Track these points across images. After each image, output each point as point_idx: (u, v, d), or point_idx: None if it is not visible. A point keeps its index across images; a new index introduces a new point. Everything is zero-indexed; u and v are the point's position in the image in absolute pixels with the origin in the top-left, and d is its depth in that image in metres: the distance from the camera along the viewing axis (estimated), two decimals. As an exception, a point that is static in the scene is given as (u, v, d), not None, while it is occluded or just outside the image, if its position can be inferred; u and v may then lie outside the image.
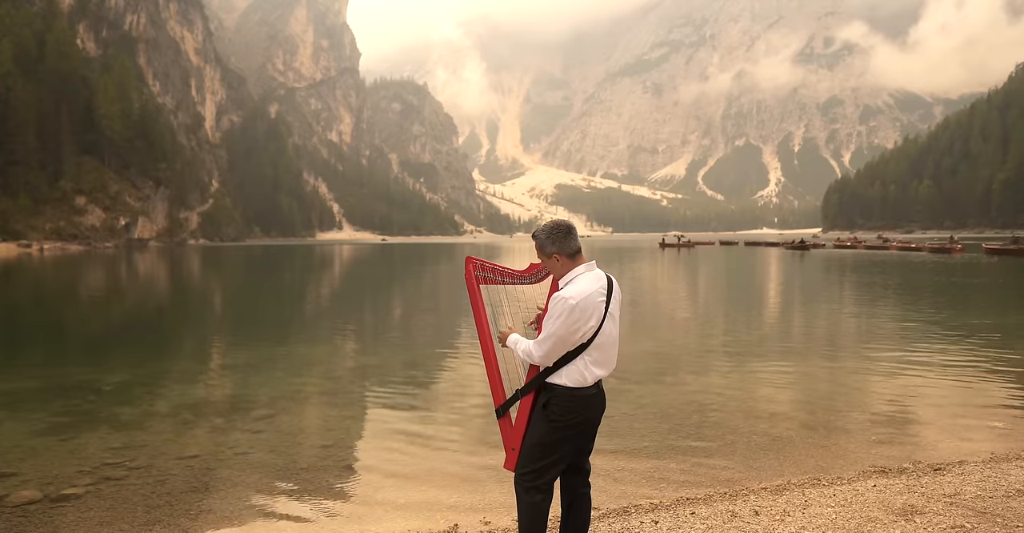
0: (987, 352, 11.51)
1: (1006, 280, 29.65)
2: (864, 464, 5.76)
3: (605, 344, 3.27)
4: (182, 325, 17.88)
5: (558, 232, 3.33)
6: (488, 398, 8.33)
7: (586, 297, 3.19)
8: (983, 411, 7.58)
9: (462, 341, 14.05)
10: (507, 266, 3.71)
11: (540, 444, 3.29)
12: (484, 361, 3.58)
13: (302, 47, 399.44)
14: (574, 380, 3.25)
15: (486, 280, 3.73)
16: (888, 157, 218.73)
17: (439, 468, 5.95)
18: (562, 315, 3.16)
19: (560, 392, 3.26)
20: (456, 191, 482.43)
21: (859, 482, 5.14)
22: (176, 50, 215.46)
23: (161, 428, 7.29)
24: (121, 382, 9.94)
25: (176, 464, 6.08)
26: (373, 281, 35.61)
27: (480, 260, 3.71)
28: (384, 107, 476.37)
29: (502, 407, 3.50)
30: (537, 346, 3.27)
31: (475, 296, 3.66)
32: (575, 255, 3.33)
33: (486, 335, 3.58)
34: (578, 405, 3.26)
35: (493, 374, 3.55)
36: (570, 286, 3.25)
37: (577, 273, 3.31)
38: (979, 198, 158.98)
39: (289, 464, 6.10)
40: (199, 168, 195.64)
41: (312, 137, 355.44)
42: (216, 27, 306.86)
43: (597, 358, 3.27)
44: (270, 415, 7.79)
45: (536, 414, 3.35)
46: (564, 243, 3.31)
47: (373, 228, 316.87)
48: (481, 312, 3.63)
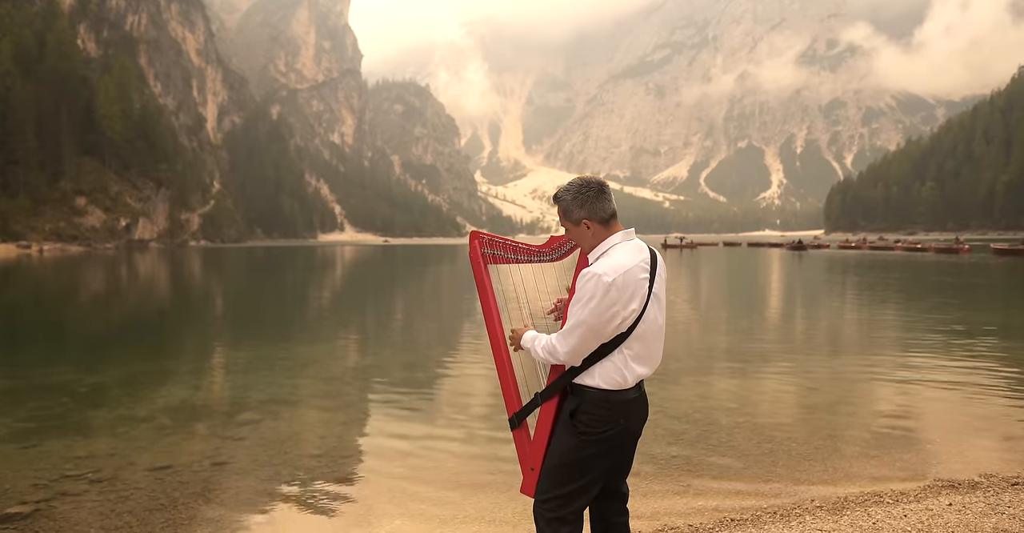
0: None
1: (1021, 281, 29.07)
2: (926, 476, 5.05)
3: (648, 334, 2.60)
4: (178, 326, 17.22)
5: (587, 191, 2.64)
6: (499, 402, 7.69)
7: (625, 273, 2.51)
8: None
9: (465, 340, 13.40)
10: (521, 241, 3.06)
11: (567, 463, 2.60)
12: (494, 358, 2.89)
13: (304, 48, 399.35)
14: (610, 381, 2.56)
15: (496, 258, 3.05)
16: (891, 159, 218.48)
17: (443, 480, 5.26)
18: (595, 297, 2.47)
19: (592, 396, 2.58)
20: (458, 193, 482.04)
21: (930, 500, 4.44)
22: (177, 51, 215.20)
23: (134, 435, 6.59)
24: (100, 383, 9.25)
25: (145, 477, 5.37)
26: (375, 282, 34.99)
27: (487, 234, 3.04)
28: (386, 108, 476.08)
29: (517, 416, 2.79)
30: (562, 339, 2.58)
31: (482, 279, 2.97)
32: (610, 221, 2.66)
33: (496, 327, 2.89)
34: (615, 413, 2.58)
35: (505, 374, 2.86)
36: (603, 260, 2.58)
37: (612, 243, 2.64)
38: (982, 200, 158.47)
39: (271, 477, 5.39)
40: (200, 169, 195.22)
41: (314, 138, 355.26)
42: (218, 28, 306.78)
43: (639, 352, 2.60)
44: (255, 420, 7.09)
45: (561, 425, 2.65)
46: (596, 205, 2.64)
47: (375, 229, 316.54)
48: (490, 298, 2.94)
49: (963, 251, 57.76)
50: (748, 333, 13.61)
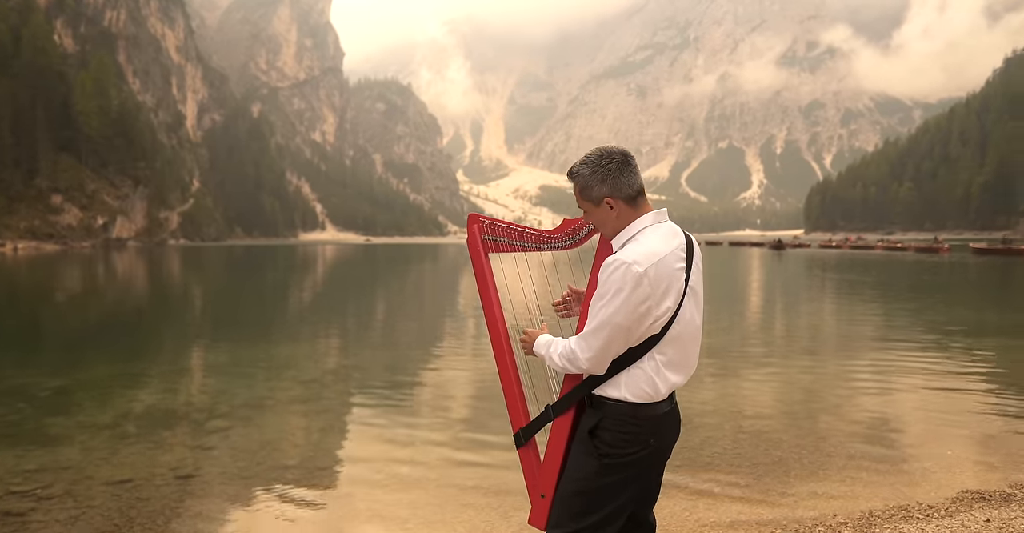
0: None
1: (1004, 279, 29.12)
2: (950, 487, 4.69)
3: (684, 336, 2.17)
4: (153, 326, 16.63)
5: (609, 163, 2.17)
6: (493, 406, 7.21)
7: (659, 262, 2.07)
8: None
9: (451, 340, 12.99)
10: (527, 226, 2.56)
11: (585, 491, 2.14)
12: (496, 361, 2.42)
13: (285, 46, 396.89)
14: (639, 392, 2.13)
15: (498, 246, 2.57)
16: (869, 160, 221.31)
17: (432, 496, 4.84)
18: (622, 290, 2.03)
19: (617, 411, 2.13)
20: (440, 192, 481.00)
21: (963, 514, 4.06)
22: (157, 48, 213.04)
23: (94, 444, 6.09)
24: (64, 387, 8.72)
25: (101, 492, 4.88)
26: (357, 281, 34.45)
27: (488, 218, 2.56)
28: (368, 107, 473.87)
29: (524, 432, 2.31)
30: (583, 343, 2.12)
31: (482, 270, 2.50)
32: (637, 199, 2.19)
33: (499, 325, 2.42)
34: (644, 430, 2.13)
35: (510, 381, 2.38)
36: (632, 246, 2.13)
37: (641, 226, 2.18)
38: (958, 200, 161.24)
39: (241, 491, 4.93)
40: (179, 167, 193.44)
41: (295, 137, 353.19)
42: (198, 25, 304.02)
43: (673, 357, 2.16)
44: (227, 427, 6.62)
45: (579, 445, 2.19)
46: (620, 180, 2.17)
47: (356, 229, 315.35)
48: (491, 293, 2.48)
49: (943, 251, 58.21)
50: (738, 333, 13.27)
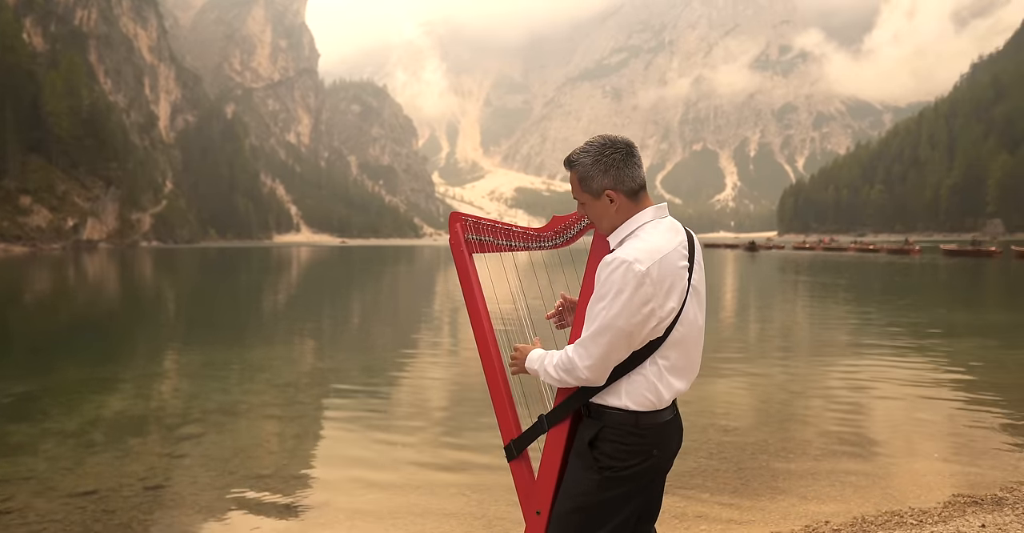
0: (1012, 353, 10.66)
1: (974, 280, 29.46)
2: (941, 491, 4.62)
3: (688, 339, 2.04)
4: (124, 330, 16.25)
5: (613, 153, 2.03)
6: (475, 409, 7.07)
7: (661, 260, 1.94)
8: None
9: (426, 343, 12.81)
10: (514, 224, 2.38)
11: (585, 507, 2.01)
12: (483, 368, 2.25)
13: (260, 47, 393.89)
14: (641, 400, 1.99)
15: (483, 246, 2.39)
16: (841, 163, 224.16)
17: (413, 507, 4.67)
18: (623, 291, 1.89)
19: (617, 420, 2.00)
20: (416, 194, 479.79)
21: (958, 520, 3.99)
22: (129, 47, 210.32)
23: (58, 453, 5.84)
24: (28, 393, 8.41)
25: (63, 505, 4.66)
26: (333, 283, 34.10)
27: (472, 217, 2.38)
28: (343, 109, 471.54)
29: (516, 444, 2.16)
30: (582, 351, 1.97)
31: (466, 272, 2.33)
32: (639, 193, 2.07)
33: (485, 330, 2.27)
34: (647, 441, 2.00)
35: (498, 390, 2.22)
36: (633, 243, 1.99)
37: (642, 222, 2.05)
38: (927, 203, 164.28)
39: (212, 502, 4.73)
40: (152, 168, 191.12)
41: (269, 138, 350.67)
42: (171, 25, 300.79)
43: (676, 362, 2.03)
44: (199, 434, 6.40)
45: (576, 457, 2.06)
46: (623, 171, 2.03)
47: (332, 230, 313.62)
48: (477, 296, 2.31)
49: (914, 252, 58.86)
50: (714, 336, 13.22)
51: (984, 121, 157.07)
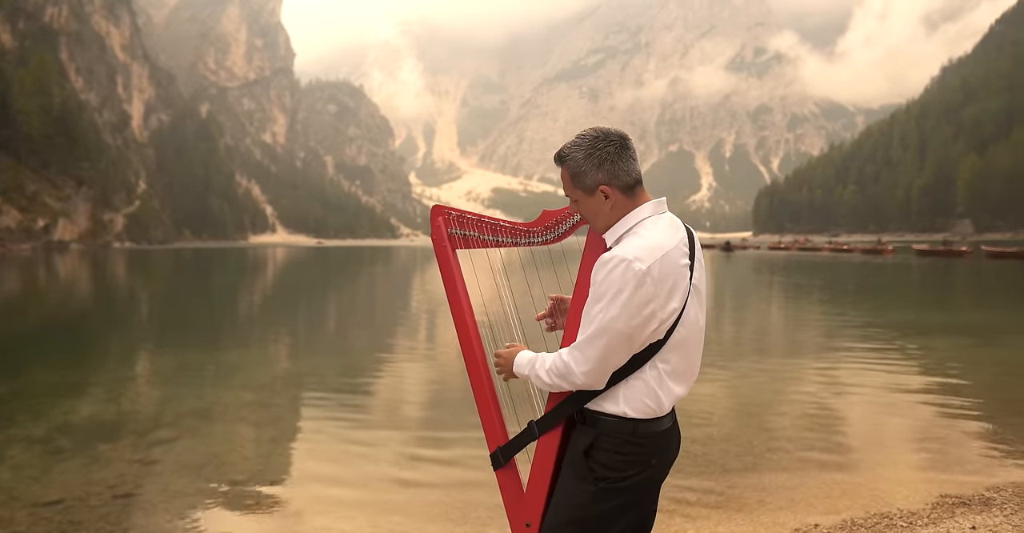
0: (985, 352, 10.74)
1: (947, 279, 29.85)
2: (928, 492, 4.57)
3: (689, 341, 1.90)
4: (95, 332, 15.90)
5: (607, 146, 1.92)
6: (458, 411, 6.91)
7: (662, 258, 1.80)
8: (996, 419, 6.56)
9: (404, 344, 12.66)
10: (500, 218, 2.20)
11: (580, 520, 1.87)
12: (468, 371, 2.11)
13: (235, 46, 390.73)
14: (640, 407, 1.85)
15: (467, 241, 2.20)
16: (815, 164, 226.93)
17: (393, 513, 4.56)
18: (623, 291, 1.76)
19: (614, 428, 1.86)
20: (392, 194, 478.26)
21: (947, 522, 3.96)
22: (101, 45, 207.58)
23: (23, 460, 5.64)
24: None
25: (27, 516, 4.48)
26: (309, 284, 33.78)
27: (456, 210, 2.21)
28: (319, 108, 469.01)
29: (503, 451, 2.03)
30: (578, 355, 1.83)
31: (450, 269, 2.18)
32: (635, 188, 1.93)
33: (470, 331, 2.13)
34: (646, 450, 1.87)
35: (484, 393, 2.07)
36: (632, 240, 1.85)
37: (640, 218, 1.91)
38: (899, 203, 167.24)
39: (184, 510, 4.57)
40: (125, 168, 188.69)
41: (245, 138, 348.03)
42: (144, 23, 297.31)
43: (677, 366, 1.89)
44: (171, 439, 6.23)
45: (570, 467, 1.91)
46: (618, 165, 1.91)
47: (308, 231, 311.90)
48: (461, 295, 2.16)
49: (887, 252, 59.49)
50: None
51: (954, 123, 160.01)
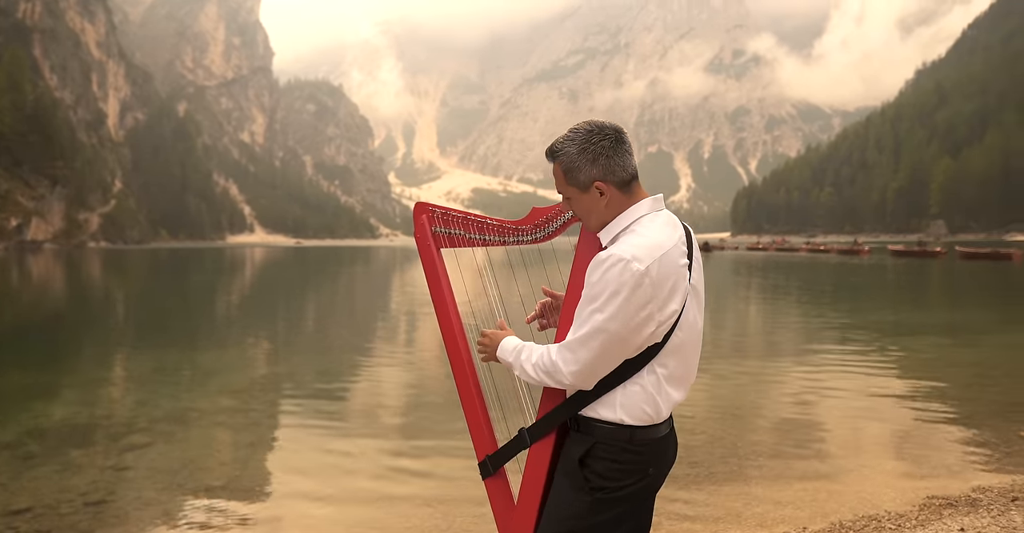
0: (956, 352, 10.82)
1: (923, 280, 30.14)
2: (915, 493, 4.53)
3: (687, 345, 1.80)
4: (69, 333, 15.58)
5: (601, 140, 1.78)
6: (444, 415, 6.81)
7: (662, 257, 1.69)
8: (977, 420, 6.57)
9: (384, 346, 12.55)
10: (487, 216, 2.10)
11: (575, 532, 1.77)
12: (454, 375, 2.00)
13: (213, 44, 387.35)
14: (637, 413, 1.75)
15: (453, 240, 2.09)
16: (792, 165, 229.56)
17: (375, 523, 4.47)
18: (620, 293, 1.65)
19: (610, 435, 1.75)
20: (372, 194, 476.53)
21: (936, 523, 3.91)
22: (76, 42, 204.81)
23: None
24: (-38, 402, 7.99)
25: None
26: (287, 285, 33.48)
27: (440, 207, 2.10)
28: (298, 108, 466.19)
29: (492, 460, 1.93)
30: (569, 354, 1.73)
31: (434, 269, 2.07)
32: (631, 184, 1.83)
33: (456, 334, 2.01)
34: (644, 458, 1.77)
35: (471, 399, 1.97)
36: (629, 238, 1.74)
37: (636, 215, 1.80)
38: (875, 204, 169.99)
39: (158, 518, 4.44)
40: (100, 167, 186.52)
41: (223, 137, 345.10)
42: (120, 20, 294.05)
43: (675, 370, 1.78)
44: (146, 444, 6.07)
45: (564, 476, 1.80)
46: (614, 160, 1.79)
47: (286, 231, 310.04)
48: (446, 296, 2.04)
49: (863, 253, 60.10)
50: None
51: (928, 126, 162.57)
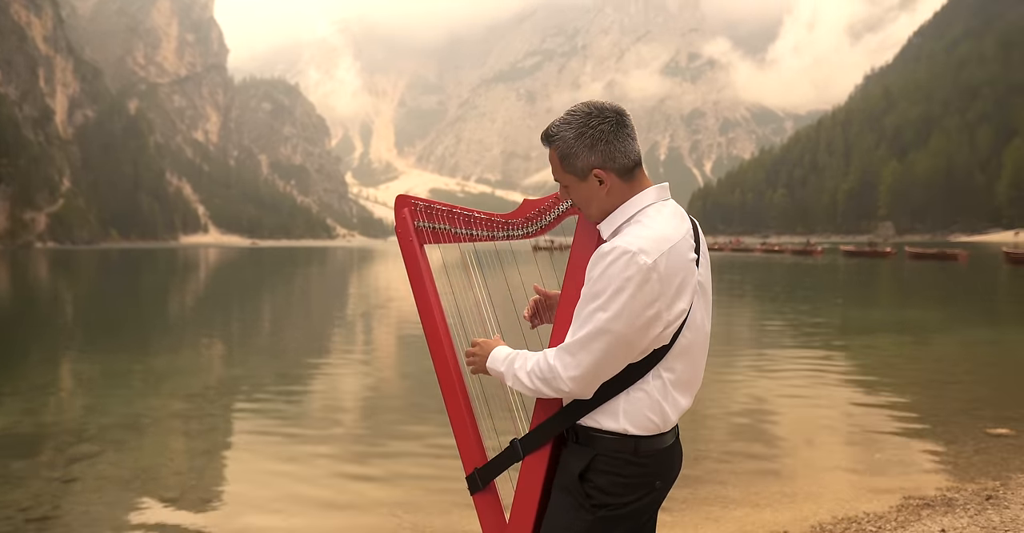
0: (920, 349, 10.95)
1: (874, 279, 30.72)
2: (891, 494, 4.48)
3: (695, 347, 1.61)
4: (11, 337, 14.99)
5: (601, 124, 1.60)
6: (412, 417, 6.60)
7: (670, 250, 1.51)
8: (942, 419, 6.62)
9: (343, 347, 12.28)
10: (475, 209, 1.92)
11: None
12: (439, 381, 1.83)
13: (165, 40, 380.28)
14: (643, 422, 1.56)
15: (437, 235, 1.94)
16: (746, 167, 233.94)
17: (331, 525, 4.28)
18: (625, 289, 1.47)
19: (614, 447, 1.57)
20: (328, 194, 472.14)
21: (915, 525, 3.88)
22: (21, 36, 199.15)
23: (-74, 479, 5.16)
24: None
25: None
26: (242, 286, 32.85)
27: (424, 200, 1.93)
28: (254, 106, 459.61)
29: (481, 474, 1.75)
30: (567, 358, 1.54)
31: (417, 266, 1.91)
32: (634, 171, 1.63)
33: (441, 337, 1.85)
34: (649, 470, 1.59)
35: (458, 407, 1.81)
36: (634, 230, 1.56)
37: (641, 205, 1.61)
38: (826, 206, 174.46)
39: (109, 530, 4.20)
40: (47, 165, 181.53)
41: (176, 135, 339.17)
42: (68, 15, 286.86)
43: (682, 374, 1.60)
44: (94, 453, 5.76)
45: (562, 493, 1.62)
46: (615, 145, 1.60)
47: (241, 231, 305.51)
48: (430, 296, 1.89)
49: (816, 253, 61.22)
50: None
51: (876, 130, 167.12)
